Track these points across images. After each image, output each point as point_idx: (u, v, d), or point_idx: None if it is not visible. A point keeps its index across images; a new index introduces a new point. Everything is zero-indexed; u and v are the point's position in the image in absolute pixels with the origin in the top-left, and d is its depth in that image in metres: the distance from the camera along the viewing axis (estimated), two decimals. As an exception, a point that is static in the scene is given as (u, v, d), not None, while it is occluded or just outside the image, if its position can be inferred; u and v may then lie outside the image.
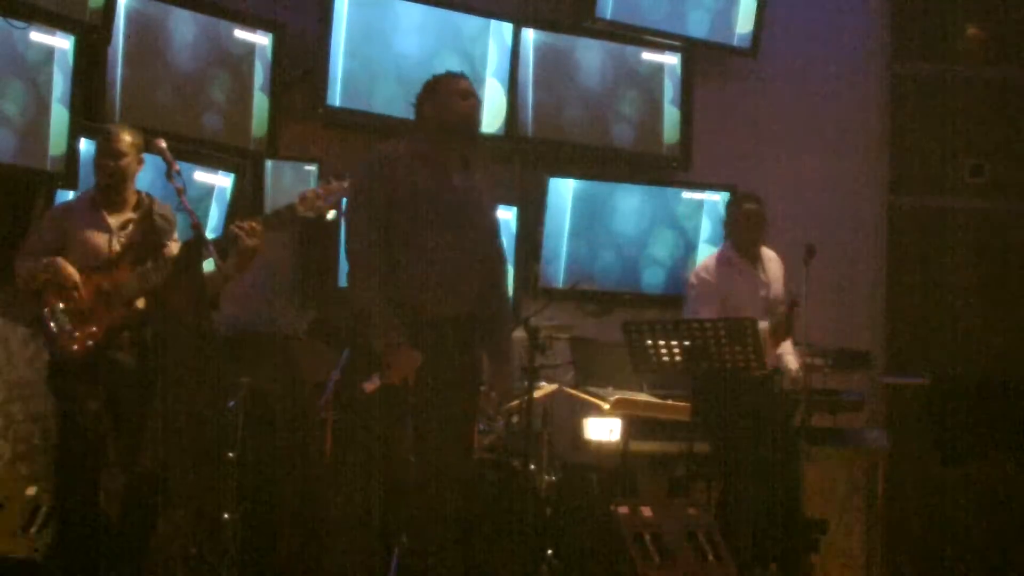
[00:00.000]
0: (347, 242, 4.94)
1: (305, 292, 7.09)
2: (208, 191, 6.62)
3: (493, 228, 5.12)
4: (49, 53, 6.01)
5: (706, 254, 7.78)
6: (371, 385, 4.73)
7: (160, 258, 5.33)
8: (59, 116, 6.04)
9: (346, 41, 7.00)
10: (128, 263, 5.31)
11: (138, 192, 5.48)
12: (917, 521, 7.96)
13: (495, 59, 7.39)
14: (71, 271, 5.24)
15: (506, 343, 5.12)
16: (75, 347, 5.20)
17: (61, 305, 5.23)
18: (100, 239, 5.34)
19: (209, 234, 5.62)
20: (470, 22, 7.34)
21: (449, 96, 5.01)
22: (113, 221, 5.38)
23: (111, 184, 5.38)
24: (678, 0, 7.82)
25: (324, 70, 6.96)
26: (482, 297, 5.01)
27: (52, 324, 5.23)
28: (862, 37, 8.35)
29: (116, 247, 5.34)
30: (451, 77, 5.10)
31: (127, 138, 5.40)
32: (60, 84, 6.04)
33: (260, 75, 6.85)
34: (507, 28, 7.43)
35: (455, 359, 4.90)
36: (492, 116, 7.39)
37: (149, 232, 5.36)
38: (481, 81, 7.34)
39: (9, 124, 5.90)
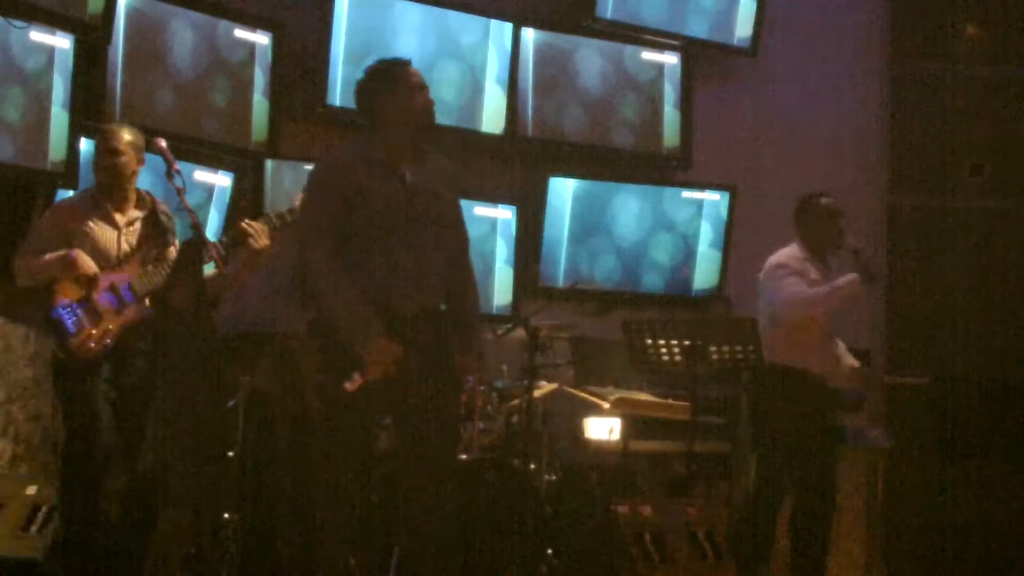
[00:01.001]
0: (305, 253, 4.83)
1: (305, 292, 7.08)
2: (208, 191, 6.62)
3: (453, 218, 5.00)
4: (49, 53, 6.01)
5: (706, 254, 7.80)
6: (352, 384, 4.71)
7: (165, 258, 5.33)
8: (59, 116, 6.04)
9: (346, 41, 7.01)
10: (137, 261, 5.31)
11: (139, 191, 5.47)
12: (917, 521, 7.95)
13: (495, 59, 7.39)
14: (90, 263, 5.22)
15: (472, 332, 5.00)
16: (92, 345, 5.18)
17: (74, 303, 5.21)
18: (109, 237, 5.33)
19: (209, 234, 5.61)
20: (470, 22, 7.35)
21: (409, 89, 4.85)
22: (120, 219, 5.38)
23: (112, 183, 5.37)
24: (678, 0, 7.83)
25: (324, 70, 6.96)
26: (450, 288, 4.97)
27: (70, 322, 5.21)
28: (862, 37, 8.36)
29: (125, 246, 5.34)
30: (406, 68, 4.90)
31: (125, 136, 5.39)
32: (60, 84, 6.03)
33: (260, 75, 6.85)
34: (507, 28, 7.43)
35: (431, 352, 4.87)
36: (492, 116, 7.39)
37: (156, 230, 5.36)
38: (481, 81, 7.35)
39: (9, 124, 5.90)
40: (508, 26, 7.43)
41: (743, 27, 7.96)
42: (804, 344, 6.18)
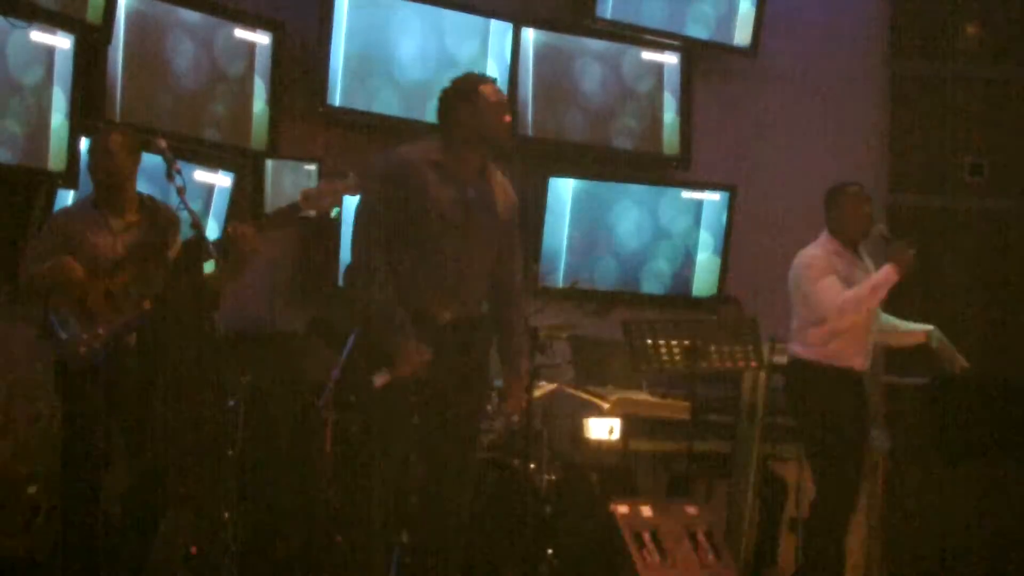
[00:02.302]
0: (353, 241, 4.89)
1: (305, 292, 7.09)
2: (208, 191, 6.62)
3: (505, 238, 5.02)
4: (49, 53, 6.01)
5: (706, 255, 7.80)
6: (381, 379, 4.73)
7: (164, 260, 5.31)
8: (59, 116, 6.04)
9: (346, 41, 7.01)
10: (133, 265, 5.28)
11: (139, 193, 5.46)
12: (917, 521, 7.95)
13: (495, 59, 7.39)
14: (76, 268, 5.21)
15: (518, 355, 5.07)
16: (82, 349, 5.17)
17: (67, 308, 5.20)
18: (104, 241, 5.30)
19: (210, 233, 5.61)
20: (470, 22, 7.35)
21: (490, 108, 4.89)
22: (116, 223, 5.34)
23: (108, 184, 5.34)
24: (678, 0, 7.83)
25: (324, 70, 6.96)
26: (495, 306, 5.00)
27: (60, 327, 5.20)
28: (862, 37, 8.36)
29: (120, 249, 5.32)
30: (490, 85, 4.96)
31: (117, 137, 5.35)
32: (60, 84, 6.03)
33: (260, 75, 6.85)
34: (507, 28, 7.43)
35: (457, 361, 4.89)
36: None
37: (153, 233, 5.34)
38: (481, 81, 7.35)
39: (9, 124, 5.90)
40: (508, 26, 7.43)
41: (743, 27, 7.96)
42: (848, 344, 6.09)
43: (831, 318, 6.01)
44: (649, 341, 6.25)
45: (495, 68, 7.38)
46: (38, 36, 5.96)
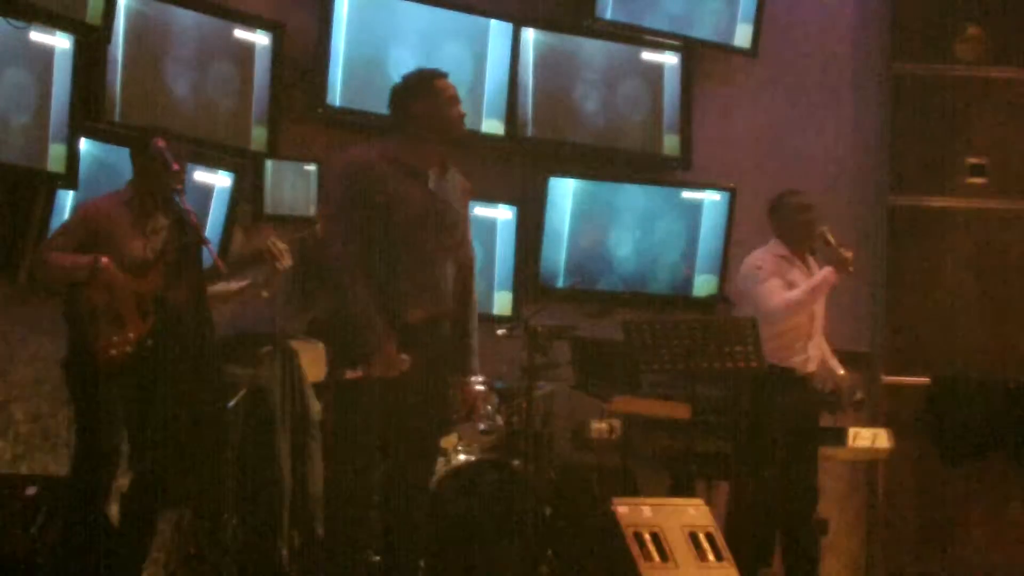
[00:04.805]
0: (327, 252, 4.89)
1: (305, 293, 7.08)
2: (208, 191, 6.62)
3: (463, 232, 5.07)
4: (49, 53, 6.01)
5: (706, 254, 7.79)
6: (353, 373, 4.75)
7: (190, 266, 5.29)
8: (59, 116, 6.03)
9: (346, 41, 7.01)
10: (161, 269, 5.26)
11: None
12: (917, 521, 7.96)
13: (495, 59, 7.39)
14: (119, 276, 5.17)
15: (469, 354, 5.06)
16: (112, 352, 5.15)
17: (95, 309, 5.17)
18: (136, 244, 5.26)
19: (209, 233, 5.60)
20: (470, 22, 7.34)
21: (442, 101, 4.94)
22: (148, 226, 5.32)
23: (167, 192, 5.30)
24: (678, 1, 7.83)
25: (324, 70, 6.96)
26: (456, 301, 5.01)
27: (92, 328, 5.15)
28: (862, 37, 8.36)
29: (149, 253, 5.29)
30: (442, 79, 5.01)
31: (175, 146, 5.32)
32: (60, 84, 6.03)
33: (260, 75, 6.85)
34: (507, 28, 7.43)
35: (432, 358, 4.90)
36: (492, 117, 7.39)
37: (180, 237, 5.31)
38: (481, 81, 7.35)
39: (9, 124, 5.90)
40: (508, 26, 7.43)
41: (743, 28, 7.95)
42: (788, 344, 6.31)
43: (772, 319, 6.21)
44: (649, 341, 6.26)
45: (495, 68, 7.38)
46: (38, 36, 5.96)
